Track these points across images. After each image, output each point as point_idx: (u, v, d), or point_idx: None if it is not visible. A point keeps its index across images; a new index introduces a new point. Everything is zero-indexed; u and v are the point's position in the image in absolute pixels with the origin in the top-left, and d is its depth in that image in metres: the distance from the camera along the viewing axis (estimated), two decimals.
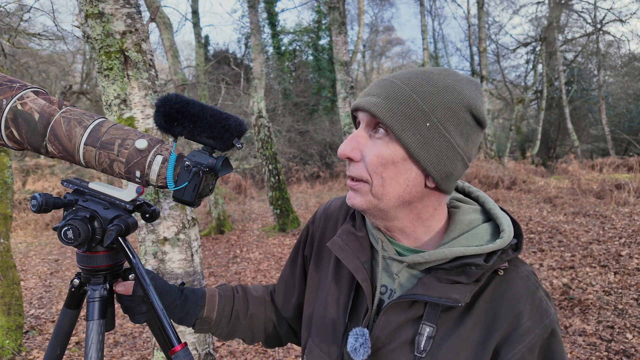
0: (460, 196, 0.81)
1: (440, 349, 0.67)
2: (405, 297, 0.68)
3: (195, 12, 9.51)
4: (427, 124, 0.64)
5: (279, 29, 16.87)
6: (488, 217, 0.75)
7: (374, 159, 0.67)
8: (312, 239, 0.94)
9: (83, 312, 3.52)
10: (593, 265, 4.44)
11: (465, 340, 0.66)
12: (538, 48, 17.29)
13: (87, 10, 1.28)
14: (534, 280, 0.70)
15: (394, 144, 0.66)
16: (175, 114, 0.68)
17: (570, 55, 18.76)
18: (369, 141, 0.69)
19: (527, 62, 19.24)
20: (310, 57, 17.45)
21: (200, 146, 0.72)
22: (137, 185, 0.74)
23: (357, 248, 0.77)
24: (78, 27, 1.42)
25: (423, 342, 0.67)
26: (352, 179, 0.71)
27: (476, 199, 0.80)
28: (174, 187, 0.71)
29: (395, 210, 0.70)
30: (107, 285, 0.78)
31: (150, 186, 0.74)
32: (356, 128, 0.75)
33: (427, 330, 0.67)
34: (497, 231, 0.72)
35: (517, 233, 0.71)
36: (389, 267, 0.75)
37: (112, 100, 1.32)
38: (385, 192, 0.68)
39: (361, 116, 0.70)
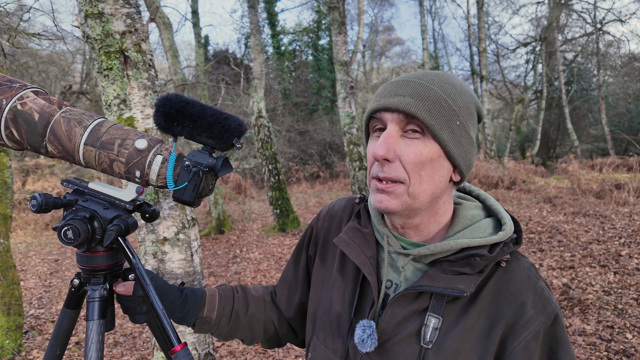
0: (462, 194, 0.84)
1: (446, 339, 0.68)
2: (412, 289, 0.70)
3: (195, 12, 9.51)
4: (457, 122, 0.69)
5: (278, 29, 16.86)
6: (489, 213, 0.79)
7: (412, 157, 0.67)
8: (317, 239, 0.95)
9: (83, 312, 3.52)
10: (593, 265, 4.44)
11: (470, 331, 0.68)
12: (538, 48, 17.29)
13: (86, 10, 1.28)
14: (534, 272, 0.72)
15: (431, 142, 0.68)
16: (175, 114, 0.69)
17: (570, 55, 18.76)
18: (401, 141, 0.69)
19: (527, 62, 19.25)
20: (310, 57, 17.45)
21: (200, 146, 0.72)
22: (137, 185, 0.74)
23: (362, 244, 0.79)
24: (78, 27, 1.42)
25: (429, 333, 0.69)
26: (383, 180, 0.70)
27: (477, 197, 0.83)
28: (174, 187, 0.71)
29: (424, 208, 0.72)
30: (107, 285, 0.78)
31: (150, 186, 0.74)
32: (367, 130, 0.76)
33: (432, 321, 0.69)
34: (498, 225, 0.75)
35: (517, 229, 0.74)
36: (395, 261, 0.77)
37: (111, 100, 1.32)
38: (421, 191, 0.69)
39: (389, 117, 0.69)
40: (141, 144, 0.70)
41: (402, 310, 0.71)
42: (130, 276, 0.81)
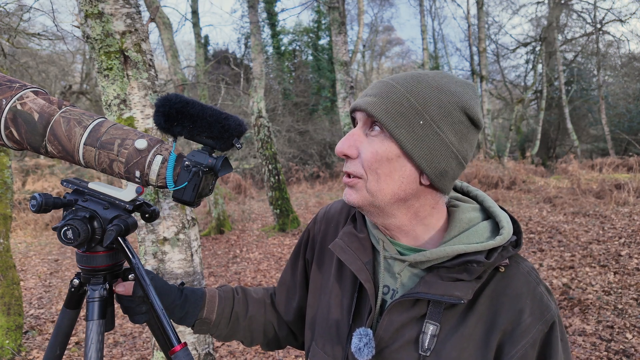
0: (459, 195, 0.81)
1: (444, 346, 0.67)
2: (408, 295, 0.69)
3: (195, 12, 9.52)
4: (421, 122, 0.66)
5: (278, 29, 16.87)
6: (487, 215, 0.76)
7: (369, 155, 0.69)
8: (314, 243, 0.93)
9: (83, 312, 3.52)
10: (593, 265, 4.44)
11: (468, 338, 0.67)
12: (538, 48, 17.30)
13: (86, 10, 1.28)
14: (534, 276, 0.70)
15: (389, 141, 0.68)
16: (175, 114, 0.68)
17: (570, 55, 18.77)
18: (365, 139, 0.71)
19: (527, 62, 19.27)
20: (310, 57, 17.46)
21: (200, 146, 0.72)
22: (137, 185, 0.74)
23: (358, 249, 0.78)
24: (78, 27, 1.42)
25: (427, 340, 0.68)
26: (348, 175, 0.73)
27: (475, 198, 0.81)
28: (174, 187, 0.71)
29: (391, 208, 0.71)
30: (107, 285, 0.78)
31: (150, 186, 0.74)
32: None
33: (430, 328, 0.68)
34: (496, 228, 0.72)
35: (517, 230, 0.72)
36: (391, 267, 0.76)
37: (111, 100, 1.32)
38: (380, 189, 0.69)
39: (358, 116, 0.72)
40: (141, 144, 0.70)
41: (399, 317, 0.70)
42: (130, 276, 0.81)
